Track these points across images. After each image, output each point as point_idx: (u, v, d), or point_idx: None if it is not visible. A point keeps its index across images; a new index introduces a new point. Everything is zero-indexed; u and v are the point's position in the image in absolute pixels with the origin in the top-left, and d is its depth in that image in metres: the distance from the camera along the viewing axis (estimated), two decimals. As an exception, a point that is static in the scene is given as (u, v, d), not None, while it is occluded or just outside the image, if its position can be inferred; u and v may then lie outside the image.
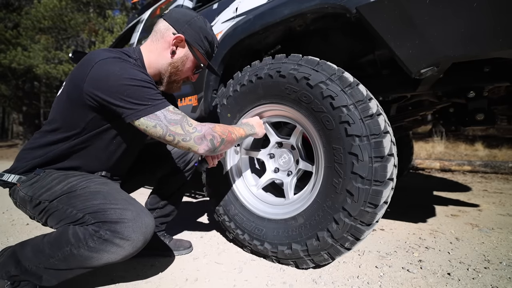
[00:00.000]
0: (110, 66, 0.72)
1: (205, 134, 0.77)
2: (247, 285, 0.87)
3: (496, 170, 3.28)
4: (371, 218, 0.83)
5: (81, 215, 0.71)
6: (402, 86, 1.17)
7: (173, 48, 0.86)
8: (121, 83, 0.71)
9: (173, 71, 0.89)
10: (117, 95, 0.71)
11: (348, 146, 0.83)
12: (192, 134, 0.75)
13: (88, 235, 0.68)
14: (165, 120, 0.74)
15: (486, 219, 1.56)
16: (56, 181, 0.78)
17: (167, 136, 0.74)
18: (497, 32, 0.67)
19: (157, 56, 0.87)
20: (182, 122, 0.76)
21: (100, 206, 0.71)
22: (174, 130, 0.74)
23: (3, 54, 9.08)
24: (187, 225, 1.51)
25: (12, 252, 0.74)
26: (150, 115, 0.73)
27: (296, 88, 0.93)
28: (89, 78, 0.72)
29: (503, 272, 0.94)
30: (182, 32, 0.85)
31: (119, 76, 0.71)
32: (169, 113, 0.75)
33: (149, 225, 0.73)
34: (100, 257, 0.69)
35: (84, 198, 0.74)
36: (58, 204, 0.75)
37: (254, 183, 1.20)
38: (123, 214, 0.70)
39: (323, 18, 1.03)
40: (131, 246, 0.70)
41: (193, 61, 0.90)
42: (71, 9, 9.02)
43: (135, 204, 0.76)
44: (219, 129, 0.80)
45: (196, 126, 0.77)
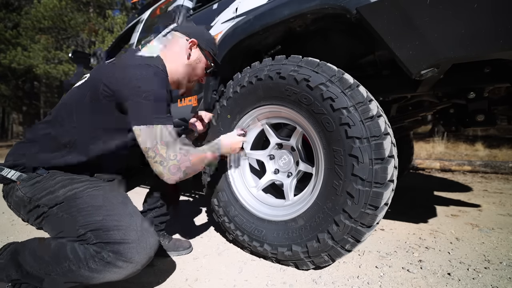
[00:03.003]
0: (144, 72, 0.78)
1: (181, 166, 0.78)
2: (247, 285, 0.87)
3: (496, 170, 3.28)
4: (371, 220, 0.83)
5: (82, 232, 0.68)
6: (402, 87, 1.17)
7: (188, 51, 0.98)
8: (145, 90, 0.76)
9: (190, 70, 1.00)
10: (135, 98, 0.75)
11: (349, 148, 0.83)
12: (170, 162, 0.76)
13: (89, 255, 0.66)
14: (159, 137, 0.76)
15: (486, 219, 1.56)
16: (60, 184, 0.75)
17: (150, 151, 0.75)
18: (498, 33, 0.67)
19: (175, 62, 0.96)
20: (170, 146, 0.77)
21: (103, 223, 0.69)
22: (159, 149, 0.75)
23: (3, 54, 9.09)
24: (187, 226, 1.51)
25: (13, 253, 0.73)
26: (150, 126, 0.75)
27: (296, 90, 0.93)
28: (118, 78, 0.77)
29: (503, 272, 0.94)
30: (195, 38, 0.99)
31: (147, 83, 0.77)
32: (167, 132, 0.77)
33: (153, 246, 0.72)
34: (102, 277, 0.67)
35: (87, 213, 0.71)
36: (58, 212, 0.72)
37: (254, 185, 1.20)
38: (127, 234, 0.68)
39: (323, 18, 1.02)
40: (134, 267, 0.68)
41: (205, 62, 1.03)
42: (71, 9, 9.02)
43: (139, 221, 0.73)
44: (194, 160, 0.82)
45: (178, 155, 0.78)
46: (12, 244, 0.77)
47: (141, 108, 0.75)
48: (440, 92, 1.32)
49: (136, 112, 0.76)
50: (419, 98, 1.51)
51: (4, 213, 1.84)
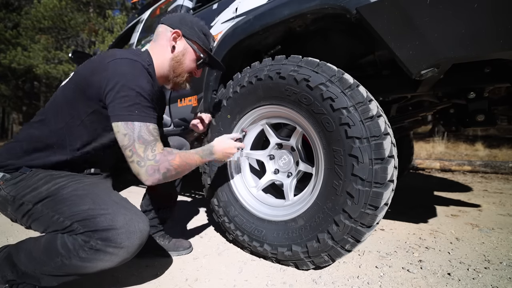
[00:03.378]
0: (125, 68, 0.76)
1: (160, 167, 0.75)
2: (247, 285, 0.87)
3: (496, 170, 3.28)
4: (371, 220, 0.83)
5: (68, 223, 0.68)
6: (402, 87, 1.17)
7: (172, 43, 0.92)
8: (124, 84, 0.73)
9: (176, 65, 0.93)
10: (115, 94, 0.73)
11: (348, 148, 0.83)
12: (148, 162, 0.73)
13: (78, 245, 0.65)
14: (137, 134, 0.73)
15: (486, 219, 1.56)
16: (42, 181, 0.74)
17: (128, 151, 0.73)
18: (498, 33, 0.67)
19: (161, 56, 0.92)
20: (149, 145, 0.74)
21: (89, 212, 0.68)
22: (137, 148, 0.73)
23: (3, 54, 9.09)
24: (187, 226, 1.51)
25: (7, 255, 0.72)
26: (129, 122, 0.73)
27: (296, 90, 0.93)
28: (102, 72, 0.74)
29: (503, 272, 0.94)
30: (178, 28, 0.92)
31: (126, 78, 0.74)
32: (146, 130, 0.74)
33: (143, 229, 0.70)
34: (94, 265, 0.66)
35: (71, 203, 0.70)
36: (43, 209, 0.71)
37: (254, 185, 1.20)
38: (114, 220, 0.67)
39: (323, 18, 1.02)
40: (125, 252, 0.67)
41: (193, 53, 0.95)
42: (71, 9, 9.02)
43: (127, 206, 0.73)
44: (177, 162, 0.78)
45: (157, 155, 0.75)
46: (6, 247, 0.76)
47: (120, 104, 0.73)
48: (440, 92, 1.32)
49: (114, 108, 0.73)
50: (419, 98, 1.51)
51: (4, 213, 1.83)
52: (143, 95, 0.76)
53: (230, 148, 0.96)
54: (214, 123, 1.22)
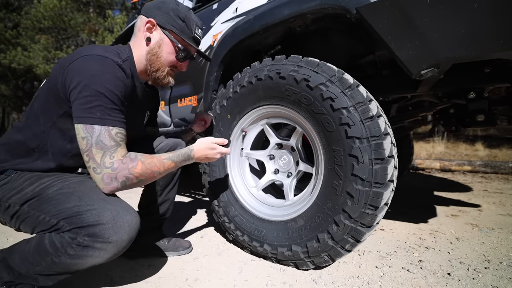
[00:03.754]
0: (92, 64, 0.71)
1: (117, 176, 0.70)
2: (247, 285, 0.87)
3: (496, 170, 3.28)
4: (371, 220, 0.83)
5: (55, 221, 0.67)
6: (402, 87, 1.17)
7: (147, 35, 0.85)
8: (88, 84, 0.69)
9: (152, 58, 0.86)
10: (78, 94, 0.69)
11: (348, 148, 0.83)
12: (104, 170, 0.69)
13: (65, 243, 0.64)
14: (95, 139, 0.69)
15: (486, 219, 1.56)
16: (28, 182, 0.73)
17: (85, 155, 0.70)
18: (498, 33, 0.67)
19: (138, 49, 0.86)
20: (107, 151, 0.70)
21: (75, 210, 0.66)
22: (94, 154, 0.69)
23: (3, 54, 9.09)
24: (187, 226, 1.51)
25: (2, 258, 0.72)
26: (88, 125, 0.69)
27: (296, 90, 0.93)
28: (68, 70, 0.71)
29: (503, 272, 0.94)
30: (153, 17, 0.84)
31: (91, 77, 0.70)
32: (105, 134, 0.70)
33: (132, 222, 0.69)
34: (85, 262, 0.66)
35: (56, 202, 0.69)
36: (29, 210, 0.70)
37: (254, 185, 1.20)
38: (101, 215, 0.65)
39: (323, 18, 1.02)
40: (115, 247, 0.66)
41: (170, 44, 0.86)
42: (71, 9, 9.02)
43: (114, 202, 0.71)
44: (139, 170, 0.73)
45: (115, 163, 0.70)
46: (1, 251, 0.75)
47: (81, 105, 0.69)
48: (440, 92, 1.32)
49: (75, 109, 0.69)
50: (419, 98, 1.51)
51: (4, 213, 1.83)
52: (108, 96, 0.71)
53: (213, 153, 0.90)
54: (214, 123, 1.22)
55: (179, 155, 0.84)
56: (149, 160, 0.76)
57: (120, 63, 0.76)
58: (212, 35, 1.42)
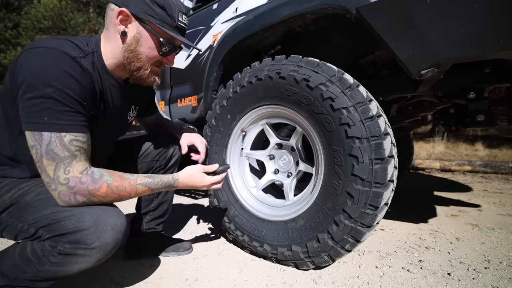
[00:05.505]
0: (35, 59, 0.61)
1: (76, 195, 0.63)
2: (247, 285, 0.87)
3: (496, 170, 3.28)
4: (371, 220, 0.83)
5: (33, 231, 0.63)
6: (402, 87, 1.17)
7: (121, 29, 0.71)
8: (31, 83, 0.60)
9: (131, 56, 0.73)
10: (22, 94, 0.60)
11: (348, 148, 0.83)
12: (59, 186, 0.61)
13: (47, 252, 0.61)
14: (45, 148, 0.60)
15: (486, 219, 1.56)
16: (6, 188, 0.68)
17: (37, 167, 0.62)
18: (498, 33, 0.67)
19: (113, 44, 0.74)
20: (61, 163, 0.61)
21: (52, 217, 0.62)
22: (45, 165, 0.61)
23: (3, 54, 9.10)
24: (187, 226, 1.51)
25: None
26: (35, 132, 0.60)
27: (296, 90, 0.93)
28: (15, 65, 0.63)
29: (503, 272, 0.94)
30: (125, 6, 0.69)
31: (36, 74, 0.60)
32: (56, 141, 0.61)
33: (116, 225, 0.64)
34: (70, 268, 0.63)
35: (34, 209, 0.64)
36: (8, 218, 0.66)
37: (254, 185, 1.20)
38: (81, 221, 0.61)
39: (323, 18, 1.02)
40: (99, 252, 0.63)
41: (150, 38, 0.73)
42: (71, 9, 9.03)
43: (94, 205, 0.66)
44: (103, 193, 0.65)
45: (71, 180, 0.61)
46: None
47: (25, 108, 0.60)
48: (440, 92, 1.32)
49: (22, 113, 0.61)
50: (419, 98, 1.51)
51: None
52: (56, 96, 0.60)
53: (200, 185, 0.83)
54: (214, 122, 1.21)
55: (159, 183, 0.75)
56: (117, 183, 0.67)
57: (75, 56, 0.65)
58: (212, 35, 1.42)
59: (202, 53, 1.47)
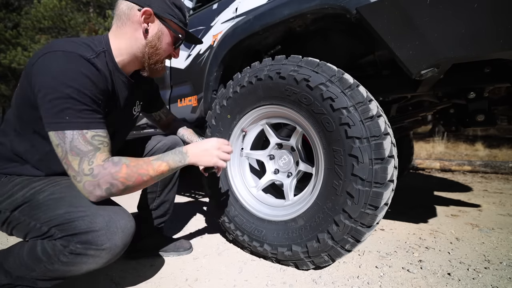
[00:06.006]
0: (53, 63, 0.65)
1: (99, 183, 0.65)
2: (247, 285, 0.87)
3: (496, 170, 3.28)
4: (371, 220, 0.83)
5: (46, 229, 0.64)
6: (402, 87, 1.18)
7: (144, 26, 0.77)
8: (52, 86, 0.63)
9: (151, 51, 0.81)
10: (42, 97, 0.64)
11: (348, 148, 0.83)
12: (84, 177, 0.64)
13: (58, 251, 0.62)
14: (68, 145, 0.64)
15: (486, 219, 1.56)
16: (18, 187, 0.70)
17: (63, 163, 0.65)
18: (498, 33, 0.67)
19: (128, 41, 0.79)
20: (85, 156, 0.64)
21: (66, 216, 0.64)
22: (70, 161, 0.64)
23: (3, 54, 9.10)
24: (187, 226, 1.51)
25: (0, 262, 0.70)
26: (59, 131, 0.64)
27: (296, 90, 0.93)
28: (32, 70, 0.66)
29: (503, 272, 0.94)
30: (148, 5, 0.76)
31: (55, 78, 0.63)
32: (79, 138, 0.64)
33: (126, 227, 0.67)
34: (79, 268, 0.64)
35: (47, 208, 0.66)
36: (20, 216, 0.68)
37: (254, 185, 1.20)
38: (93, 222, 0.63)
39: (323, 18, 1.02)
40: (109, 253, 0.64)
41: (170, 35, 0.82)
42: (71, 9, 9.02)
43: (107, 207, 0.68)
44: (124, 174, 0.67)
45: (95, 169, 0.64)
46: None
47: (48, 110, 0.64)
48: (440, 92, 1.32)
49: (44, 115, 0.64)
50: (419, 98, 1.51)
51: (4, 213, 1.83)
52: (75, 96, 0.64)
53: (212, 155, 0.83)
54: (214, 122, 1.21)
55: (170, 155, 0.77)
56: (134, 162, 0.70)
57: (89, 57, 0.69)
58: (212, 35, 1.42)
59: (202, 53, 1.47)
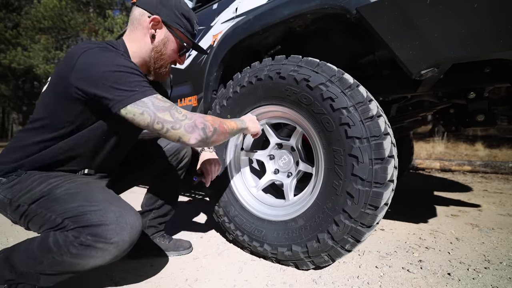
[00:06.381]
0: (97, 55, 0.70)
1: (196, 123, 0.72)
2: (247, 285, 0.87)
3: (496, 170, 3.28)
4: (371, 220, 0.83)
5: (60, 220, 0.68)
6: (402, 87, 1.18)
7: (151, 32, 0.83)
8: (107, 70, 0.68)
9: (157, 56, 0.86)
10: (103, 83, 0.68)
11: (348, 148, 0.83)
12: (182, 122, 0.71)
13: (68, 242, 0.65)
14: (153, 107, 0.69)
15: (486, 219, 1.56)
16: (36, 182, 0.74)
17: (155, 124, 0.69)
18: (498, 33, 0.67)
19: (138, 44, 0.85)
20: (171, 109, 0.71)
21: (79, 209, 0.67)
22: (162, 117, 0.69)
23: (3, 54, 9.10)
24: (187, 226, 1.51)
25: (5, 257, 0.72)
26: (137, 101, 0.68)
27: (296, 90, 0.93)
28: (76, 69, 0.69)
29: (503, 272, 0.94)
30: (157, 13, 0.82)
31: (105, 64, 0.69)
32: (157, 100, 0.71)
33: (134, 225, 0.69)
34: (86, 262, 0.66)
35: (63, 201, 0.70)
36: (37, 208, 0.71)
37: (254, 185, 1.20)
38: (104, 216, 0.66)
39: (323, 18, 1.03)
40: (116, 249, 0.66)
41: (175, 42, 0.87)
42: (71, 9, 9.02)
43: (118, 203, 0.72)
44: (210, 119, 0.77)
45: (187, 114, 0.73)
46: (3, 250, 0.76)
47: (115, 91, 0.68)
48: (440, 92, 1.32)
49: (113, 97, 0.68)
50: (419, 98, 1.51)
51: (4, 213, 1.83)
52: (132, 71, 0.71)
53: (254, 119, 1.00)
54: None
55: (234, 119, 0.90)
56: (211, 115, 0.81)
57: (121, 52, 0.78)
58: (212, 35, 1.42)
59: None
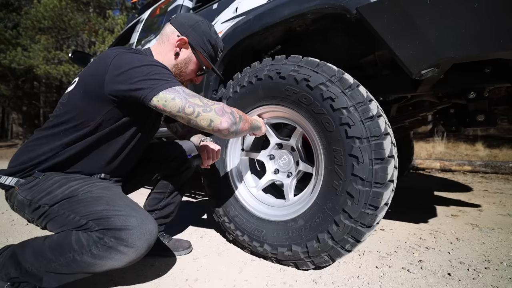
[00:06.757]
0: (130, 55, 0.76)
1: (224, 108, 0.76)
2: (247, 285, 0.87)
3: (496, 170, 3.28)
4: (371, 220, 0.83)
5: (84, 221, 0.70)
6: (402, 87, 1.17)
7: (176, 50, 0.90)
8: (141, 65, 0.74)
9: (176, 72, 0.93)
10: (138, 77, 0.72)
11: (349, 148, 0.83)
12: (212, 106, 0.75)
13: (92, 242, 0.67)
14: (184, 93, 0.74)
15: (486, 219, 1.56)
16: (57, 184, 0.77)
17: (187, 108, 0.73)
18: (498, 33, 0.67)
19: (162, 58, 0.90)
20: (200, 96, 0.76)
21: (104, 213, 0.70)
22: (193, 101, 0.73)
23: (3, 54, 9.08)
24: (187, 226, 1.51)
25: (12, 253, 0.74)
26: (169, 88, 0.73)
27: (296, 90, 0.93)
28: (112, 67, 0.74)
29: (503, 273, 0.94)
30: (186, 35, 0.89)
31: (139, 61, 0.74)
32: (186, 89, 0.76)
33: (153, 232, 0.73)
34: (104, 263, 0.68)
35: (87, 204, 0.73)
36: (59, 209, 0.74)
37: (254, 185, 1.20)
38: (128, 221, 0.70)
39: (323, 18, 1.02)
40: (135, 253, 0.69)
41: (196, 64, 0.94)
42: (71, 9, 9.01)
43: (139, 210, 0.75)
44: (234, 108, 0.82)
45: (214, 101, 0.77)
46: (10, 247, 0.78)
47: (147, 82, 0.72)
48: (440, 92, 1.32)
49: (144, 88, 0.72)
50: (419, 98, 1.51)
51: (3, 213, 1.84)
52: (164, 67, 0.77)
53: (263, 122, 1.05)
54: None
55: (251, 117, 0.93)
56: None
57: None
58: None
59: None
